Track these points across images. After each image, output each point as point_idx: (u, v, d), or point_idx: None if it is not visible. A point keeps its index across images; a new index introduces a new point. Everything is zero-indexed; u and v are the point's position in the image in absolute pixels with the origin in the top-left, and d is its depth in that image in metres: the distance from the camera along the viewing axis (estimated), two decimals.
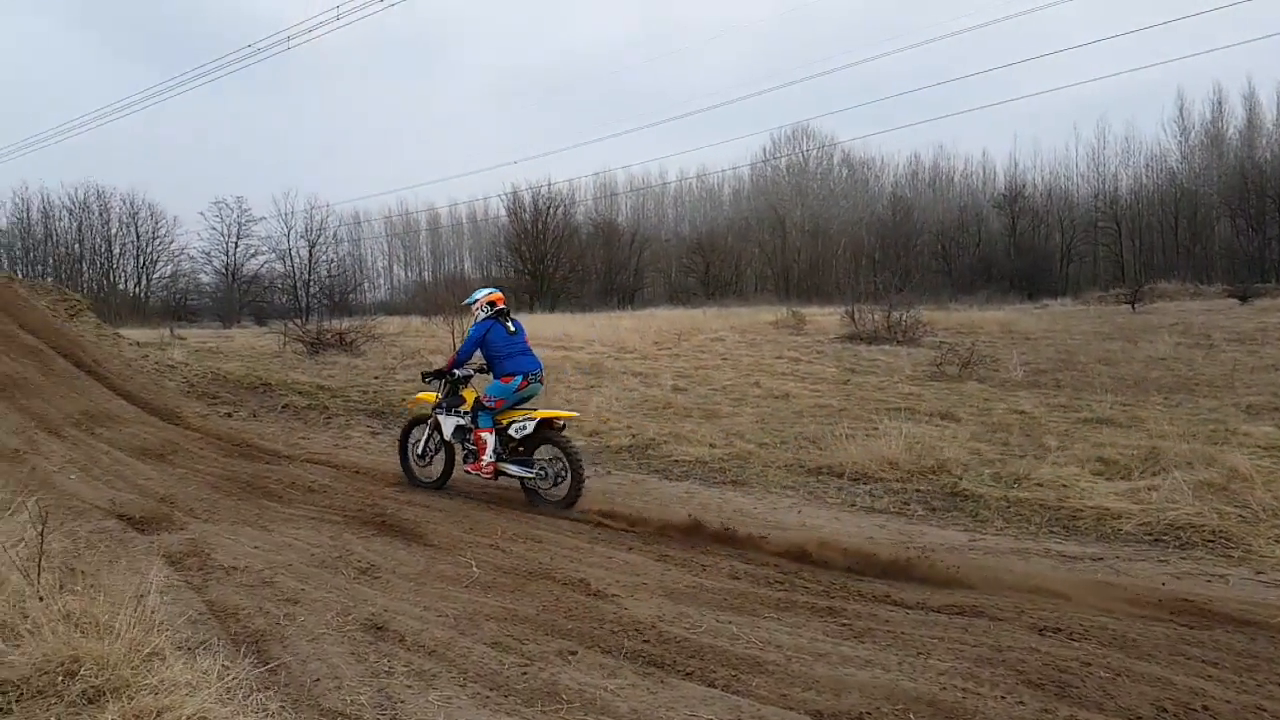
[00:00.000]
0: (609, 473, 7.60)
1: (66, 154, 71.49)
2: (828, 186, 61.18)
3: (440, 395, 7.31)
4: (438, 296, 31.17)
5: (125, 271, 55.97)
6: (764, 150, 60.84)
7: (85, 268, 55.04)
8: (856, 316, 20.20)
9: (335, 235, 61.12)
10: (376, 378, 13.31)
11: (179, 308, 49.96)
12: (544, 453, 6.65)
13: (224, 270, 56.88)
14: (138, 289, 55.24)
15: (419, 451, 7.47)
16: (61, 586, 3.64)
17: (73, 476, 7.19)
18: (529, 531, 5.65)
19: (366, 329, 19.04)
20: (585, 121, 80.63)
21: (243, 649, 3.55)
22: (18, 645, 3.02)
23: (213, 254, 56.72)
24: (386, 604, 4.24)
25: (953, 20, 66.79)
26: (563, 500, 6.48)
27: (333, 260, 61.22)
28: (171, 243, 56.41)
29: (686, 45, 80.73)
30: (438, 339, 18.20)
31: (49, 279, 37.09)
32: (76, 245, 55.01)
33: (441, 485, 7.27)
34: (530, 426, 6.63)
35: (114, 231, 54.97)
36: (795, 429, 8.94)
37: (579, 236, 58.54)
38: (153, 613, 3.38)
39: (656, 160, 73.90)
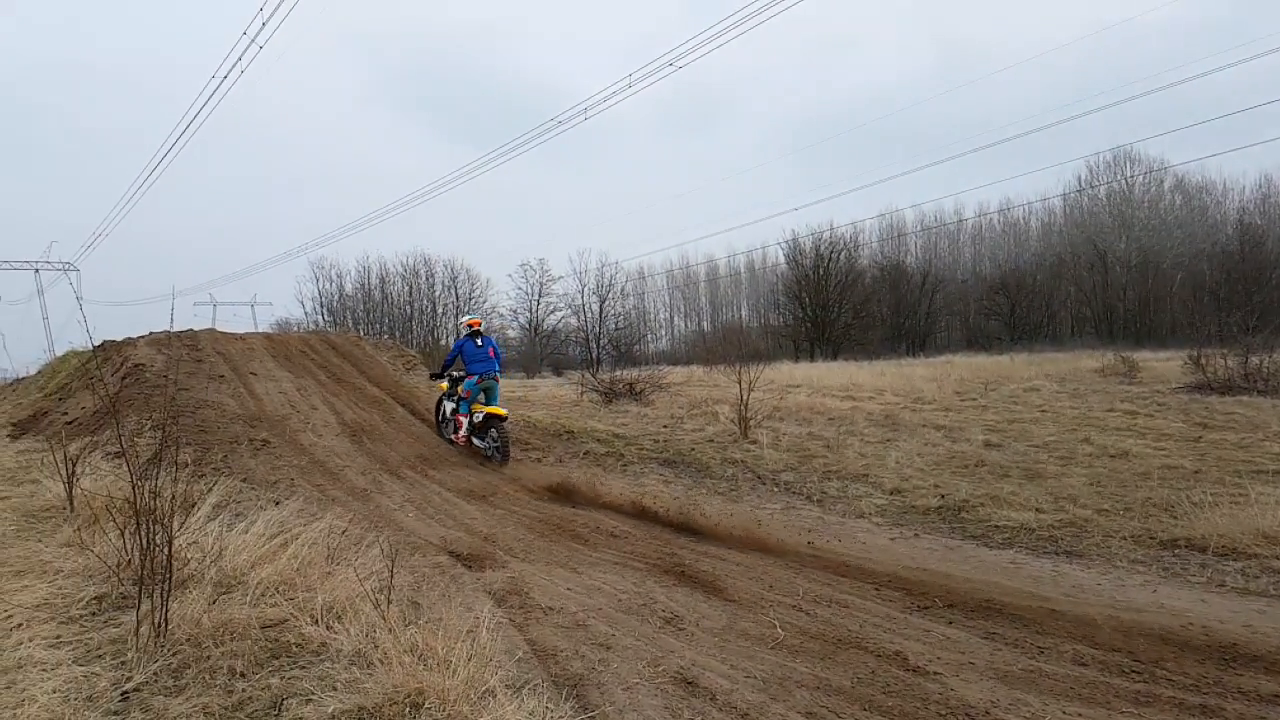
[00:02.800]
0: (916, 535, 7.03)
1: (402, 226, 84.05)
2: (1158, 215, 53.97)
3: (449, 386, 11.31)
4: (718, 347, 31.79)
5: (447, 329, 63.24)
6: (1079, 179, 55.60)
7: (414, 326, 63.19)
8: (1204, 362, 17.44)
9: (622, 290, 65.17)
10: (665, 426, 13.64)
11: None
12: (493, 434, 10.44)
13: (528, 326, 62.74)
14: None
15: (441, 421, 11.75)
16: (406, 620, 3.95)
17: (410, 514, 7.96)
18: (833, 595, 5.32)
19: (654, 379, 19.74)
20: (871, 163, 78.85)
21: (563, 692, 3.62)
22: (371, 673, 3.27)
23: (519, 311, 62.94)
24: (694, 658, 4.16)
25: None
26: (501, 462, 10.23)
27: (619, 314, 65.15)
28: (485, 302, 63.36)
29: (986, 74, 76.22)
30: (721, 388, 18.38)
31: (384, 336, 43.17)
32: (407, 306, 63.34)
33: (453, 443, 11.20)
34: (480, 417, 10.61)
35: (438, 293, 62.83)
36: (1140, 493, 7.72)
37: (863, 281, 56.89)
38: (486, 649, 3.55)
39: (951, 196, 70.01)
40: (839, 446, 10.96)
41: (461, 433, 10.78)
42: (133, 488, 4.03)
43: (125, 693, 3.21)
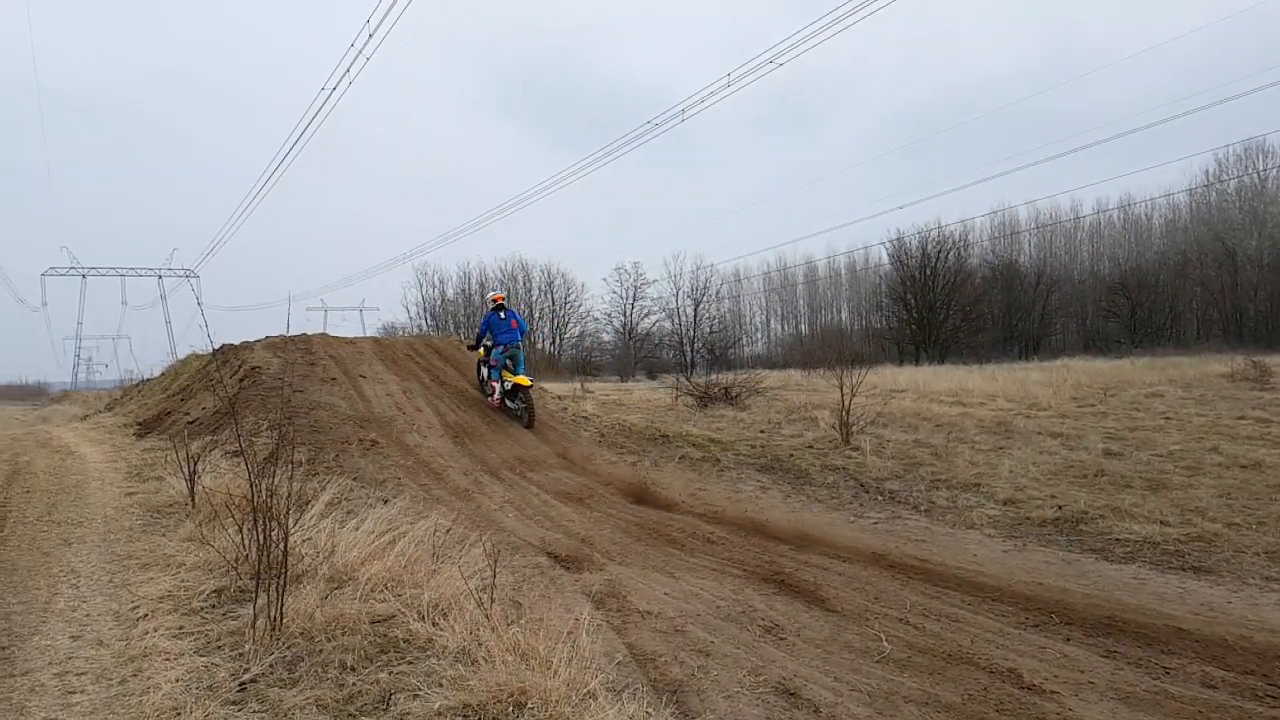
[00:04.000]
0: (1031, 547, 6.70)
1: (500, 230, 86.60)
2: None
3: (484, 354, 13.15)
4: (817, 350, 31.20)
5: (543, 332, 64.47)
6: (1206, 173, 51.82)
7: None
8: None
9: (717, 293, 64.84)
10: (762, 431, 13.44)
11: (586, 363, 56.56)
12: (521, 398, 12.34)
13: (622, 329, 63.21)
14: (553, 347, 63.48)
15: (481, 381, 13.54)
16: (508, 619, 4.00)
17: (510, 515, 8.08)
18: (942, 609, 5.11)
19: (750, 383, 19.49)
20: (982, 159, 76.09)
21: (663, 698, 3.60)
22: (475, 670, 3.32)
23: (613, 315, 63.51)
24: (796, 669, 4.08)
25: None
26: (526, 424, 12.19)
27: (714, 317, 64.83)
28: (579, 306, 64.35)
29: (1102, 65, 72.42)
30: (820, 393, 18.01)
31: None
32: None
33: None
34: (509, 385, 12.43)
35: (534, 298, 64.05)
36: (1275, 507, 7.19)
37: (973, 281, 54.71)
38: (586, 651, 3.56)
39: (1067, 193, 66.68)
40: (948, 454, 10.56)
41: (495, 396, 12.76)
42: (250, 485, 4.22)
43: (243, 683, 3.35)
